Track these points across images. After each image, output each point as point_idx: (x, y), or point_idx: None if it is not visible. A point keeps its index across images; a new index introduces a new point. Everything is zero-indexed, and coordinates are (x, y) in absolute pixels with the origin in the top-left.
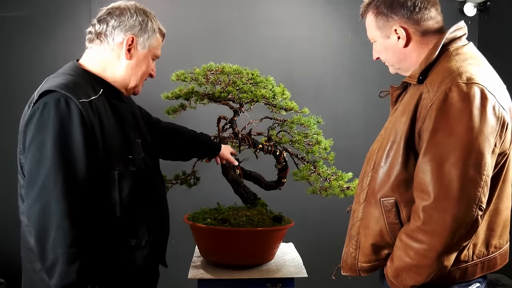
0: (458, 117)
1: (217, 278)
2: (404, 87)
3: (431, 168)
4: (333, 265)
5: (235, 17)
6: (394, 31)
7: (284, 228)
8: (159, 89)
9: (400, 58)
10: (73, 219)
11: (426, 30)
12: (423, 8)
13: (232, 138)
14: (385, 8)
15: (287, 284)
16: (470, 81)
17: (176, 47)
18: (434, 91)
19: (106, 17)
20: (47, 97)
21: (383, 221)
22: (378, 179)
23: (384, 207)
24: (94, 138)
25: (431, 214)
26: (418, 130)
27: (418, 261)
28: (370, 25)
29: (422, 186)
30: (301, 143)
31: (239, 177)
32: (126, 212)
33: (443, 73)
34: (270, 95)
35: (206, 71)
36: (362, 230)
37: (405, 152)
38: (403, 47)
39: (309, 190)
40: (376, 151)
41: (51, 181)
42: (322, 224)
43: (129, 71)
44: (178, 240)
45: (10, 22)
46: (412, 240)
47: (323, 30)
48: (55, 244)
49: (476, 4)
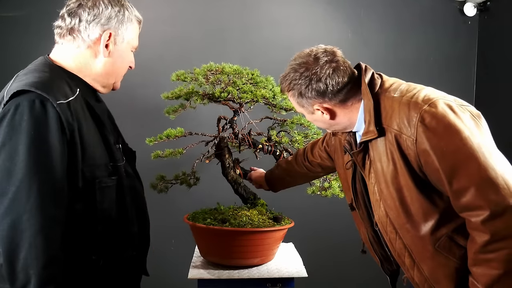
0: (448, 134)
1: (217, 278)
2: (365, 147)
3: (466, 188)
4: (333, 265)
5: (235, 17)
6: (315, 109)
7: (284, 228)
8: (159, 89)
9: (331, 124)
10: (47, 237)
11: (346, 97)
12: (335, 84)
13: (232, 138)
14: (302, 93)
15: (287, 284)
16: (429, 101)
17: (176, 47)
18: (407, 129)
19: (77, 9)
20: (20, 97)
21: (452, 261)
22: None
23: (443, 249)
24: (73, 144)
25: (494, 223)
26: (418, 168)
27: (505, 269)
28: (293, 103)
29: (469, 206)
30: (301, 143)
31: (239, 177)
32: (107, 225)
33: (401, 111)
34: (270, 95)
35: (206, 71)
36: (437, 285)
37: (423, 194)
38: (330, 119)
39: (309, 190)
40: (386, 216)
41: (24, 193)
42: (322, 224)
43: (108, 69)
44: (178, 240)
45: (9, 22)
46: (488, 253)
47: (323, 30)
48: (26, 264)
49: (476, 4)
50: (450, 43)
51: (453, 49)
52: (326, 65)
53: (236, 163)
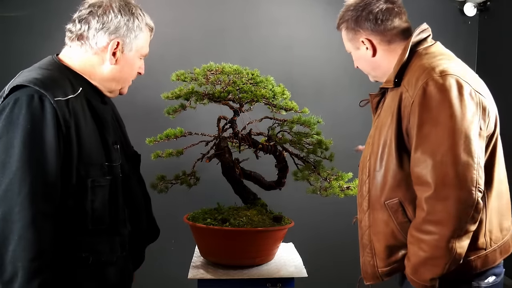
0: (440, 107)
1: (217, 278)
2: (382, 93)
3: (425, 160)
4: (333, 265)
5: (235, 17)
6: (361, 42)
7: (284, 228)
8: (159, 89)
9: (373, 66)
10: (38, 230)
11: (391, 39)
12: (385, 20)
13: (232, 138)
14: (352, 22)
15: (287, 284)
16: (444, 73)
17: (177, 47)
18: (412, 89)
19: (88, 16)
20: (19, 92)
21: (392, 223)
22: (377, 184)
23: (390, 209)
24: (68, 141)
25: (434, 203)
26: (405, 128)
27: (431, 253)
28: (344, 38)
29: (420, 179)
30: (301, 143)
31: (239, 177)
32: (98, 223)
33: (417, 71)
34: (270, 95)
35: (206, 71)
36: (374, 236)
37: (398, 152)
38: (372, 56)
39: (309, 190)
40: (368, 158)
41: (16, 185)
42: (322, 224)
43: (115, 75)
44: (178, 240)
45: (10, 22)
46: (422, 233)
47: (323, 30)
48: (15, 256)
49: (476, 4)
50: (450, 43)
51: (453, 49)
52: (382, 0)
53: (236, 163)
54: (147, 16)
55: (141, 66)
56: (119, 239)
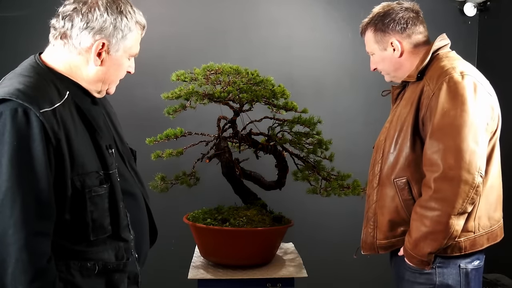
0: (457, 101)
1: (217, 278)
2: (403, 86)
3: (438, 145)
4: (333, 265)
5: (235, 17)
6: (390, 44)
7: (284, 228)
8: (159, 89)
9: (396, 67)
10: (34, 250)
11: (416, 42)
12: (414, 24)
13: (232, 138)
14: (381, 25)
15: (287, 284)
16: (463, 73)
17: (176, 47)
18: (434, 83)
19: (72, 13)
20: (2, 106)
21: (398, 199)
22: (390, 163)
23: (398, 186)
24: (60, 154)
25: (442, 182)
26: (422, 117)
27: (433, 227)
28: (369, 40)
29: (431, 161)
30: (301, 143)
31: (239, 177)
32: (99, 233)
33: (439, 70)
34: (270, 95)
35: (206, 71)
36: (379, 210)
37: (412, 136)
38: (398, 57)
39: (309, 190)
40: (384, 141)
41: (8, 207)
42: (322, 224)
43: (100, 77)
44: (178, 240)
45: (10, 22)
46: (426, 209)
47: (323, 30)
48: (14, 279)
49: (476, 4)
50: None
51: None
52: (408, 9)
53: (236, 163)
54: (138, 13)
55: (131, 65)
56: (124, 245)
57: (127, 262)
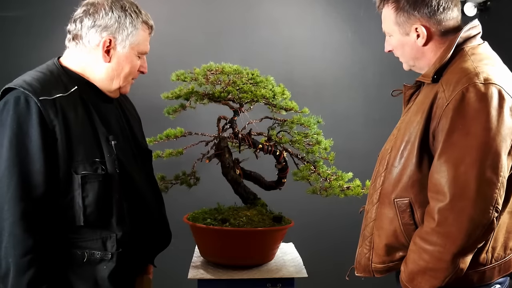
0: (475, 117)
1: (217, 278)
2: (417, 86)
3: (447, 169)
4: (333, 265)
5: (235, 17)
6: (414, 29)
7: (284, 228)
8: (159, 89)
9: (417, 56)
10: (26, 226)
11: (446, 30)
12: (447, 8)
13: (232, 138)
14: (407, 4)
15: (287, 284)
16: (488, 81)
17: (176, 47)
18: (450, 91)
19: (82, 15)
20: (9, 95)
21: (397, 222)
22: (392, 179)
23: (398, 208)
24: (54, 138)
25: (447, 215)
26: (433, 130)
27: (433, 264)
28: (388, 19)
29: (437, 187)
30: (301, 143)
31: (239, 177)
32: (90, 220)
33: (459, 73)
34: (270, 95)
35: (206, 71)
36: (376, 230)
37: (419, 152)
38: (422, 45)
39: (309, 190)
40: (389, 151)
41: (5, 183)
42: (322, 224)
43: (110, 74)
44: (178, 240)
45: (10, 22)
46: (426, 243)
47: (323, 30)
48: (6, 253)
49: (476, 4)
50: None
51: None
52: None
53: (236, 163)
54: (144, 14)
55: (143, 64)
56: (115, 236)
57: (117, 253)
